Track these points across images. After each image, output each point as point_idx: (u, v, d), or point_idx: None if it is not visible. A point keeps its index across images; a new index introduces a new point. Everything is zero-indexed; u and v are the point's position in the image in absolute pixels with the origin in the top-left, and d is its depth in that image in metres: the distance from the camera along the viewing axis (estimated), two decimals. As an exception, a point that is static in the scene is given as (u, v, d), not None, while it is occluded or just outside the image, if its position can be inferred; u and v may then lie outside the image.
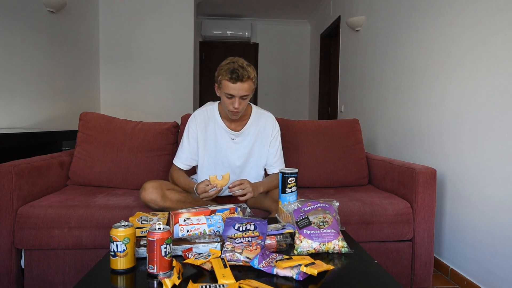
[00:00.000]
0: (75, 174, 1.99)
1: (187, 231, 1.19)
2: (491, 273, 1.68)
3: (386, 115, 2.82)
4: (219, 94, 1.65)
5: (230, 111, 1.62)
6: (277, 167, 1.80)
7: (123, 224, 1.02)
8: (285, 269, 0.96)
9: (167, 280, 0.88)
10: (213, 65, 1.79)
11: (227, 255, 1.03)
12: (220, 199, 1.80)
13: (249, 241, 1.08)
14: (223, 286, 0.88)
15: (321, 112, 4.90)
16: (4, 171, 1.58)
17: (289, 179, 1.39)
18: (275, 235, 1.16)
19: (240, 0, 4.88)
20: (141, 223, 1.33)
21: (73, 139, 2.34)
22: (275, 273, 0.96)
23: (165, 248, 0.95)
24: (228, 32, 5.49)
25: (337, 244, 1.13)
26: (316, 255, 1.09)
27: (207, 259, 1.00)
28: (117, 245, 0.98)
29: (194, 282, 0.90)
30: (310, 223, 1.17)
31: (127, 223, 1.02)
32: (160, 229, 0.97)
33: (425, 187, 1.75)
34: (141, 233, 1.22)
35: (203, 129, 1.74)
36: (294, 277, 0.94)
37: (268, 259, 1.00)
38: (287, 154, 2.08)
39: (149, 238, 0.95)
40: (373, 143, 3.04)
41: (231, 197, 1.69)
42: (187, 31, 4.26)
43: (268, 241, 1.13)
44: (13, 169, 1.59)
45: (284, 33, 5.73)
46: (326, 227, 1.16)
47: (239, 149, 1.76)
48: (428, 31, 2.21)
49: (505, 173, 1.59)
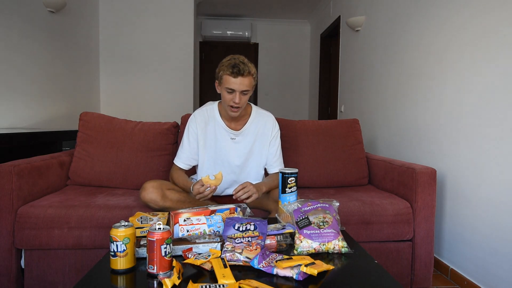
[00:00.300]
0: (75, 174, 1.99)
1: (187, 231, 1.19)
2: (491, 273, 1.68)
3: (386, 115, 2.82)
4: (219, 90, 1.65)
5: (230, 106, 1.62)
6: (277, 167, 1.80)
7: (123, 224, 1.02)
8: (285, 269, 0.96)
9: (167, 280, 0.88)
10: (213, 65, 1.79)
11: (227, 255, 1.03)
12: (220, 199, 1.80)
13: (249, 241, 1.08)
14: (223, 286, 0.88)
15: (321, 112, 4.90)
16: (4, 171, 1.58)
17: (289, 179, 1.39)
18: (275, 235, 1.16)
19: (240, 0, 4.88)
20: (141, 223, 1.33)
21: (73, 139, 2.34)
22: (275, 273, 0.96)
23: (165, 248, 0.95)
24: (228, 32, 5.49)
25: (337, 244, 1.13)
26: (316, 255, 1.09)
27: (207, 259, 1.00)
28: (117, 245, 0.98)
29: (194, 282, 0.90)
30: (310, 223, 1.17)
31: (127, 223, 1.03)
32: (160, 229, 0.97)
33: (425, 187, 1.75)
34: (141, 233, 1.22)
35: (203, 128, 1.74)
36: (294, 277, 0.94)
37: (268, 259, 1.00)
38: (287, 154, 2.08)
39: (149, 238, 0.95)
40: (373, 143, 3.04)
41: (231, 197, 1.69)
42: (187, 31, 4.26)
43: (268, 241, 1.13)
44: (13, 169, 1.59)
45: (284, 33, 5.73)
46: (326, 227, 1.16)
47: (239, 148, 1.76)
48: (427, 31, 2.21)
49: (505, 173, 1.59)
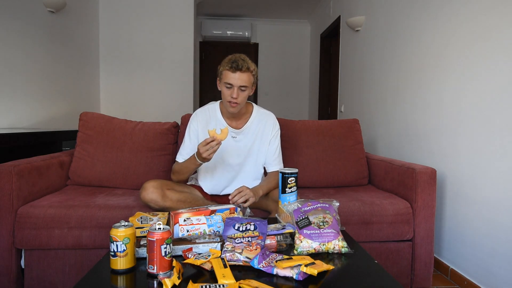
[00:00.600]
0: (75, 174, 1.99)
1: (187, 231, 1.19)
2: (491, 273, 1.68)
3: (386, 115, 2.82)
4: (220, 87, 1.68)
5: (228, 102, 1.63)
6: (276, 166, 1.82)
7: (123, 224, 1.02)
8: (285, 269, 0.96)
9: (167, 280, 0.88)
10: (213, 65, 1.79)
11: (227, 255, 1.03)
12: (220, 199, 1.80)
13: (249, 241, 1.08)
14: (223, 286, 0.88)
15: (321, 112, 4.90)
16: (4, 171, 1.58)
17: (289, 179, 1.39)
18: (275, 235, 1.16)
19: (240, 0, 4.88)
20: (141, 223, 1.33)
21: (73, 139, 2.34)
22: (275, 273, 0.96)
23: (165, 248, 0.95)
24: (228, 32, 5.49)
25: (337, 244, 1.13)
26: (316, 255, 1.09)
27: (207, 259, 1.00)
28: (117, 245, 0.98)
29: (194, 282, 0.90)
30: (310, 223, 1.17)
31: (127, 223, 1.03)
32: (160, 229, 0.97)
33: (425, 187, 1.75)
34: (141, 233, 1.22)
35: (204, 126, 1.75)
36: (294, 277, 0.94)
37: (268, 259, 1.00)
38: (287, 154, 2.09)
39: (149, 238, 0.95)
40: (373, 143, 3.04)
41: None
42: (187, 31, 4.26)
43: (268, 241, 1.13)
44: (13, 169, 1.59)
45: (284, 33, 5.73)
46: (326, 227, 1.16)
47: (239, 147, 1.77)
48: (427, 31, 2.21)
49: (505, 173, 1.59)
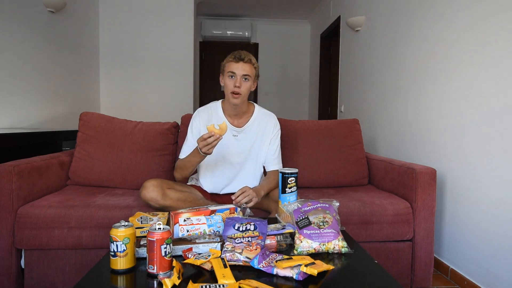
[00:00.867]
0: (75, 174, 1.99)
1: (187, 231, 1.19)
2: (491, 273, 1.68)
3: (386, 115, 2.82)
4: (223, 82, 1.70)
5: (231, 93, 1.65)
6: (276, 165, 1.83)
7: (123, 224, 1.02)
8: (285, 269, 0.95)
9: (167, 280, 0.88)
10: (213, 65, 1.80)
11: (227, 255, 1.03)
12: (220, 199, 1.80)
13: (249, 241, 1.08)
14: (223, 286, 0.88)
15: (321, 112, 4.90)
16: (4, 171, 1.58)
17: (289, 179, 1.39)
18: (275, 235, 1.16)
19: (240, 0, 4.88)
20: (141, 223, 1.33)
21: (73, 139, 2.34)
22: (275, 273, 0.96)
23: (165, 248, 0.95)
24: (228, 32, 5.49)
25: (337, 244, 1.13)
26: (316, 255, 1.09)
27: (207, 259, 1.00)
28: (117, 245, 0.98)
29: (194, 282, 0.90)
30: (310, 223, 1.17)
31: (127, 223, 1.03)
32: (160, 229, 0.97)
33: (425, 187, 1.75)
34: (141, 233, 1.22)
35: (206, 124, 1.75)
36: (294, 277, 0.94)
37: (268, 259, 1.00)
38: (286, 154, 2.09)
39: (149, 238, 0.95)
40: (373, 143, 3.04)
41: (231, 197, 1.69)
42: (187, 31, 4.26)
43: (268, 241, 1.13)
44: (13, 169, 1.59)
45: (284, 33, 5.73)
46: (326, 227, 1.16)
47: (240, 145, 1.78)
48: (428, 31, 2.21)
49: (505, 173, 1.59)
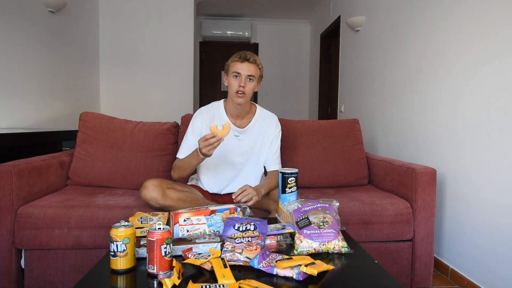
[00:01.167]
0: (75, 174, 1.99)
1: (187, 231, 1.19)
2: (491, 272, 1.68)
3: (386, 115, 2.82)
4: (227, 82, 1.70)
5: (236, 93, 1.65)
6: (276, 165, 1.84)
7: (123, 224, 1.02)
8: (285, 269, 0.95)
9: (167, 280, 0.88)
10: (213, 65, 1.80)
11: (227, 255, 1.03)
12: (220, 199, 1.80)
13: (249, 241, 1.08)
14: (223, 286, 0.88)
15: (321, 112, 4.90)
16: (4, 171, 1.58)
17: (289, 179, 1.39)
18: (275, 235, 1.16)
19: (240, 0, 4.88)
20: (141, 223, 1.33)
21: (73, 139, 2.34)
22: (275, 273, 0.96)
23: (165, 248, 0.95)
24: (228, 32, 5.49)
25: (337, 244, 1.13)
26: (316, 255, 1.09)
27: (207, 259, 1.00)
28: (117, 245, 0.98)
29: (194, 282, 0.90)
30: (310, 223, 1.17)
31: (127, 223, 1.02)
32: (160, 229, 0.97)
33: (425, 187, 1.75)
34: (141, 233, 1.22)
35: (209, 123, 1.75)
36: (294, 277, 0.94)
37: (268, 259, 1.00)
38: (287, 154, 2.09)
39: (149, 238, 0.95)
40: (373, 143, 3.04)
41: (231, 196, 1.69)
42: (187, 31, 4.26)
43: (268, 241, 1.13)
44: (13, 169, 1.59)
45: (284, 33, 5.73)
46: (326, 227, 1.16)
47: (241, 146, 1.78)
48: (428, 31, 2.21)
49: (505, 173, 1.59)
